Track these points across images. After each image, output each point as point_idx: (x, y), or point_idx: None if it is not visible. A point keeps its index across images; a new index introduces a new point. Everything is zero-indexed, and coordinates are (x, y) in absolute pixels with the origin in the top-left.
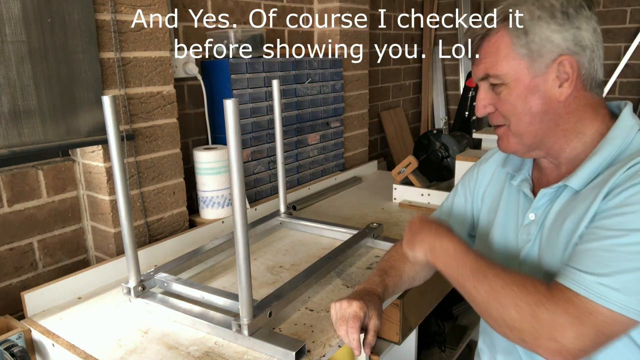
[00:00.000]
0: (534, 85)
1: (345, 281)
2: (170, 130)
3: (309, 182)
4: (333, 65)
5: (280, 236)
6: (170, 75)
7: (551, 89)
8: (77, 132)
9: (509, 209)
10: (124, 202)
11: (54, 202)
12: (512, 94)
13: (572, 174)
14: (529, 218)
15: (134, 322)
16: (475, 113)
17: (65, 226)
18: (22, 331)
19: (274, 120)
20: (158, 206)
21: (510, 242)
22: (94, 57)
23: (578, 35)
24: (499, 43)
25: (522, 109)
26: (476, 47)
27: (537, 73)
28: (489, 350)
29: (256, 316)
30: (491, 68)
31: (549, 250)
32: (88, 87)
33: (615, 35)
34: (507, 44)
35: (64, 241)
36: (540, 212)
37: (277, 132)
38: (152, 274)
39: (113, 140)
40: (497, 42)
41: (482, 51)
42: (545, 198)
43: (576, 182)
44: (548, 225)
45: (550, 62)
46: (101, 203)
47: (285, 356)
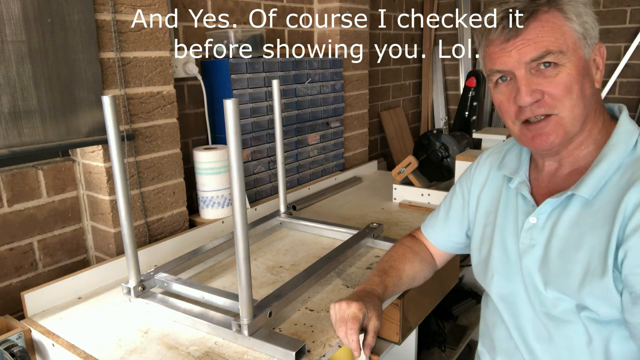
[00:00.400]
0: (587, 66)
1: (345, 281)
2: (170, 130)
3: (309, 182)
4: (333, 65)
5: (280, 236)
6: (170, 75)
7: (593, 73)
8: (77, 132)
9: (507, 212)
10: (124, 202)
11: (54, 202)
12: (572, 73)
13: (581, 182)
14: (529, 222)
15: (134, 322)
16: (519, 102)
17: (65, 226)
18: (22, 331)
19: (274, 120)
20: (158, 206)
21: (510, 245)
22: (94, 57)
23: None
24: (554, 20)
25: (578, 91)
26: (520, 27)
27: (587, 55)
28: (489, 353)
29: (256, 316)
30: (553, 44)
31: (561, 262)
32: (88, 87)
33: (615, 36)
34: (564, 21)
35: (64, 241)
36: (544, 217)
37: (277, 132)
38: (152, 274)
39: (113, 140)
40: (552, 20)
41: (531, 30)
42: (551, 205)
43: (587, 192)
44: (562, 235)
45: (594, 45)
46: (101, 203)
47: (286, 356)
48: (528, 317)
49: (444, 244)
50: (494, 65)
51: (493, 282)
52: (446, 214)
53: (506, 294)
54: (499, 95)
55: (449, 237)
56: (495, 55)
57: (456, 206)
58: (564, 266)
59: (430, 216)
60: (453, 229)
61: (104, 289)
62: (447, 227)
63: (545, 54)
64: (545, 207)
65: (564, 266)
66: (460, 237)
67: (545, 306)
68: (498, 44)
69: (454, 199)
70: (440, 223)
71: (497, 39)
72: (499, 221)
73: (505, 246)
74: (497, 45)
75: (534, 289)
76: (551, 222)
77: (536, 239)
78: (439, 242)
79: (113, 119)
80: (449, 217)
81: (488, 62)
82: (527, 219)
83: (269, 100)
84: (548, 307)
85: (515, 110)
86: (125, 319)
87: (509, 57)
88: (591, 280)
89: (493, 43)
